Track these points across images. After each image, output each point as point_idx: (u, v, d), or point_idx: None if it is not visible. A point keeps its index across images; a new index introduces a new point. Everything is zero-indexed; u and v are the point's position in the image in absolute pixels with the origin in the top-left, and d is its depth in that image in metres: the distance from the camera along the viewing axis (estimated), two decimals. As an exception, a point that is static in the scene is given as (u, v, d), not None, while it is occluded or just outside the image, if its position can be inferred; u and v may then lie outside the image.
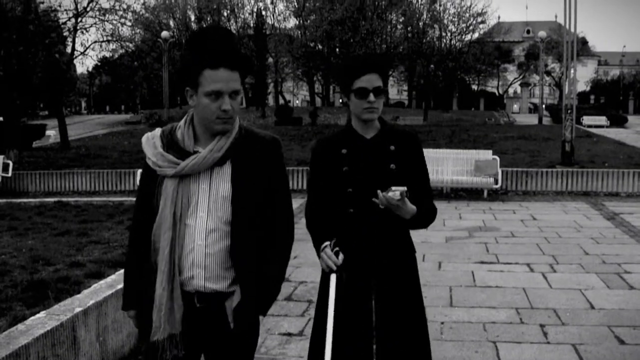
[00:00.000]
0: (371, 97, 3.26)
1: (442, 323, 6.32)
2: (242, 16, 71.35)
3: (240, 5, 70.58)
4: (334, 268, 3.23)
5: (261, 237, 2.92)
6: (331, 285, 3.26)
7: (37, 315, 4.74)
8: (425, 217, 3.38)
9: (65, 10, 32.04)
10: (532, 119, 59.25)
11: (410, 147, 3.42)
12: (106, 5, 33.16)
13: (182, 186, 2.83)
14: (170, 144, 2.88)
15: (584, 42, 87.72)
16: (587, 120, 55.12)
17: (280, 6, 74.17)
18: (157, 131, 2.97)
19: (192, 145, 2.87)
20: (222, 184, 2.85)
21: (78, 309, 4.84)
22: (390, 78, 71.18)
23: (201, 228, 2.82)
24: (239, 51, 2.88)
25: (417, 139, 3.46)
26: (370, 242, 3.33)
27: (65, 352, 4.60)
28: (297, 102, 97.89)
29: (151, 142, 2.92)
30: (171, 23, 70.35)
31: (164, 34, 43.11)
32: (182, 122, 2.95)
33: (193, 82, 2.80)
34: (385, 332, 3.31)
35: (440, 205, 14.47)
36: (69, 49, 34.79)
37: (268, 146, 2.96)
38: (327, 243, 3.30)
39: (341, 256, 3.26)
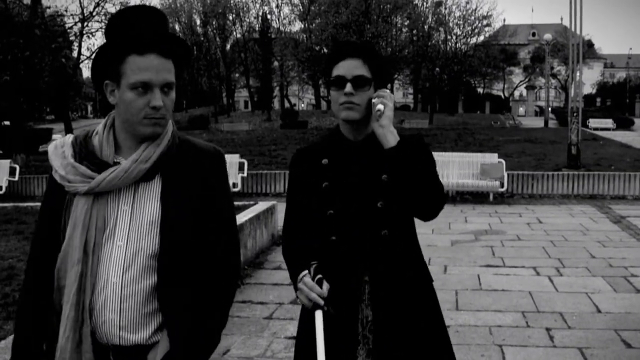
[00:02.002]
0: (348, 87, 2.52)
1: (448, 327, 6.28)
2: (248, 20, 71.73)
3: (245, 9, 70.96)
4: (320, 302, 2.44)
5: (198, 273, 2.27)
6: (317, 325, 2.44)
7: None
8: (424, 171, 2.50)
9: (72, 15, 32.21)
10: (538, 122, 59.25)
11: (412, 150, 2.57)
12: (112, 10, 33.08)
13: (97, 206, 2.20)
14: (85, 153, 2.25)
15: (590, 44, 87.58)
16: (593, 123, 55.09)
17: (286, 10, 74.46)
18: (69, 138, 2.34)
19: (112, 154, 2.24)
20: (148, 204, 2.22)
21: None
22: (396, 81, 71.20)
23: (117, 261, 2.18)
24: (174, 34, 2.30)
25: (421, 140, 2.62)
26: (358, 282, 2.57)
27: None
28: (302, 105, 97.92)
29: (60, 151, 2.29)
30: (177, 27, 70.59)
31: (170, 38, 43.15)
32: (100, 126, 2.32)
33: (114, 73, 2.18)
34: None
35: (445, 208, 14.39)
36: (75, 54, 35.00)
37: (209, 159, 2.34)
38: (306, 272, 2.53)
39: (326, 285, 2.49)
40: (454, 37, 63.13)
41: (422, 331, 2.59)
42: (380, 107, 2.48)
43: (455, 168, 16.16)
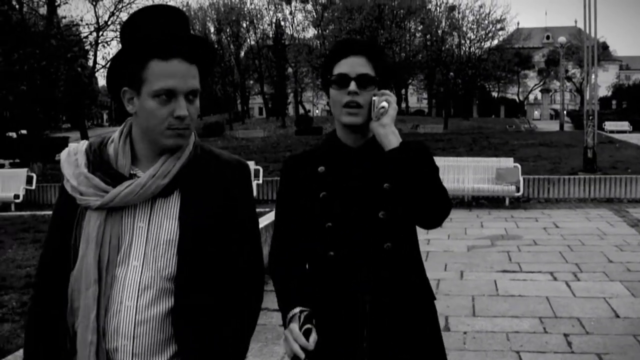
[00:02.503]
0: (352, 86, 2.30)
1: (465, 333, 6.30)
2: (261, 27, 71.91)
3: (259, 16, 71.11)
4: (301, 356, 2.16)
5: (217, 297, 2.08)
6: None
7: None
8: (428, 175, 2.27)
9: (87, 24, 32.59)
10: (554, 126, 58.99)
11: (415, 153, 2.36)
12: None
13: (111, 223, 2.02)
14: (99, 163, 2.07)
15: (604, 46, 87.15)
16: (609, 125, 54.76)
17: (299, 16, 74.35)
18: (83, 145, 2.15)
19: (129, 166, 2.07)
20: (165, 222, 2.04)
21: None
22: (410, 86, 71.14)
23: (132, 283, 2.00)
24: (199, 36, 2.14)
25: (422, 145, 2.37)
26: (359, 300, 2.35)
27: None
28: (317, 111, 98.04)
29: (72, 158, 2.10)
30: (191, 35, 70.78)
31: (184, 46, 43.39)
32: (116, 134, 2.14)
33: (134, 79, 2.00)
34: None
35: (461, 213, 14.53)
36: (90, 63, 35.25)
37: (233, 173, 2.15)
38: (296, 312, 2.26)
39: (313, 337, 2.20)
40: (468, 42, 62.97)
41: (421, 354, 2.41)
42: (384, 104, 2.29)
43: (470, 173, 16.12)
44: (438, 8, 62.64)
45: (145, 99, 1.99)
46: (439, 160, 15.18)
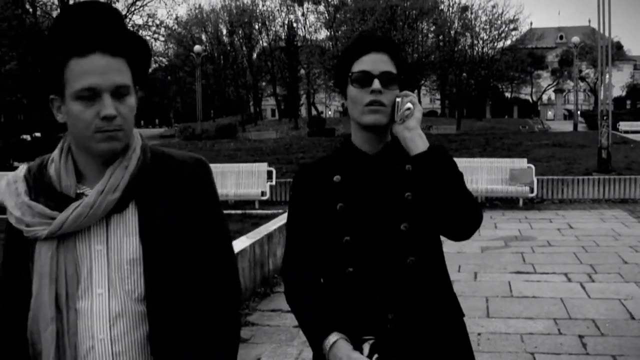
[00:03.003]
0: (375, 84, 2.12)
1: (479, 334, 6.28)
2: (274, 29, 72.07)
3: (271, 18, 71.31)
4: None
5: (194, 309, 1.92)
6: None
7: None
8: (458, 183, 2.11)
9: (100, 27, 32.66)
10: (567, 126, 58.68)
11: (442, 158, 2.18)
12: (140, 22, 33.63)
13: (64, 251, 1.80)
14: (41, 187, 1.85)
15: (618, 46, 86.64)
16: (623, 126, 54.43)
17: (312, 18, 74.50)
18: (22, 170, 1.92)
19: (74, 185, 1.84)
20: (126, 240, 1.84)
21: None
22: (423, 87, 71.04)
23: (101, 314, 1.81)
24: (122, 27, 1.85)
25: (444, 149, 2.19)
26: (381, 319, 2.14)
27: None
28: (329, 113, 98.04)
29: (12, 187, 1.87)
30: (203, 37, 71.16)
31: (197, 48, 43.63)
32: (55, 152, 1.91)
33: (56, 84, 1.79)
34: None
35: (475, 214, 14.36)
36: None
37: (191, 172, 1.96)
38: (336, 339, 2.09)
39: None
40: (481, 42, 62.91)
41: None
42: (409, 105, 2.11)
43: (484, 174, 16.06)
44: (450, 9, 62.63)
45: (70, 102, 1.77)
46: (452, 161, 15.13)
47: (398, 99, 2.15)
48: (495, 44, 64.08)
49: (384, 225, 2.16)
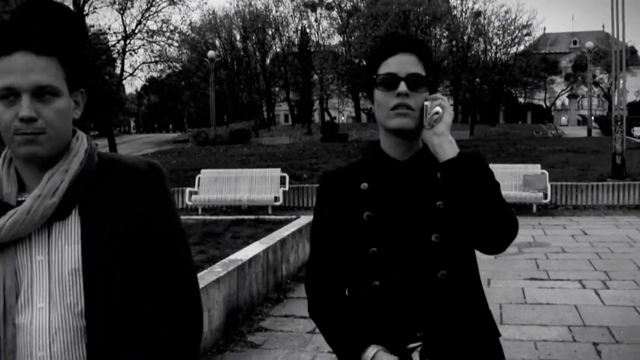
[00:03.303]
0: (402, 86, 1.99)
1: (493, 341, 6.24)
2: (287, 34, 72.22)
3: (284, 23, 71.42)
4: None
5: (140, 329, 1.77)
6: None
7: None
8: (492, 192, 1.94)
9: (115, 33, 32.94)
10: (581, 131, 58.40)
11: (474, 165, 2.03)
12: (154, 27, 33.87)
13: (3, 262, 1.70)
14: None
15: (632, 51, 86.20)
16: (638, 131, 54.21)
17: (325, 23, 74.66)
18: None
19: (15, 193, 1.75)
20: (67, 249, 1.71)
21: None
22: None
23: (40, 329, 1.68)
24: (55, 23, 1.71)
25: (480, 156, 2.06)
26: (409, 338, 2.01)
27: None
28: (342, 118, 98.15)
29: None
30: (217, 42, 71.37)
31: (210, 53, 43.87)
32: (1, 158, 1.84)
33: None
34: None
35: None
36: (118, 71, 35.65)
37: (141, 178, 1.83)
38: (376, 350, 1.99)
39: None
40: (494, 47, 62.72)
41: None
42: (438, 109, 1.99)
43: (497, 180, 15.99)
44: (463, 14, 62.57)
45: None
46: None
47: (426, 103, 2.02)
48: (509, 49, 63.90)
49: (413, 236, 2.03)
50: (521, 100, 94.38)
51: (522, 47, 66.65)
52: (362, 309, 2.07)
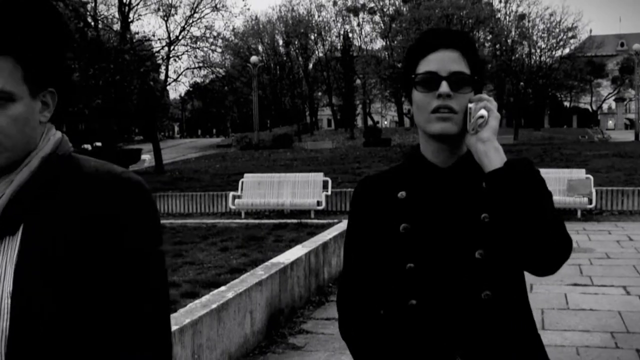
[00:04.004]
0: (443, 86, 1.79)
1: (534, 346, 6.22)
2: (329, 39, 72.45)
3: (327, 28, 71.67)
4: None
5: None
6: None
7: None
8: (542, 206, 1.72)
9: (159, 39, 33.35)
10: (628, 136, 57.33)
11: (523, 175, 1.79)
12: (197, 34, 34.14)
13: None
14: None
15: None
16: (687, 135, 53.00)
17: (367, 28, 74.68)
18: None
19: None
20: (8, 269, 1.46)
21: (174, 327, 5.01)
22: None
23: None
24: (9, 15, 1.45)
25: (531, 165, 1.82)
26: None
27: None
28: (385, 123, 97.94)
29: None
30: (260, 48, 71.84)
31: (253, 58, 44.20)
32: None
33: None
34: None
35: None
36: (162, 76, 36.13)
37: (103, 191, 1.52)
38: None
39: None
40: (539, 51, 61.98)
41: None
42: (483, 112, 1.79)
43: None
44: (507, 17, 62.05)
45: None
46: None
47: (470, 105, 1.82)
48: (554, 53, 63.06)
49: (455, 252, 1.83)
50: (566, 104, 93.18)
51: (567, 50, 65.75)
52: (397, 330, 1.88)
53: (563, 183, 15.73)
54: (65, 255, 1.45)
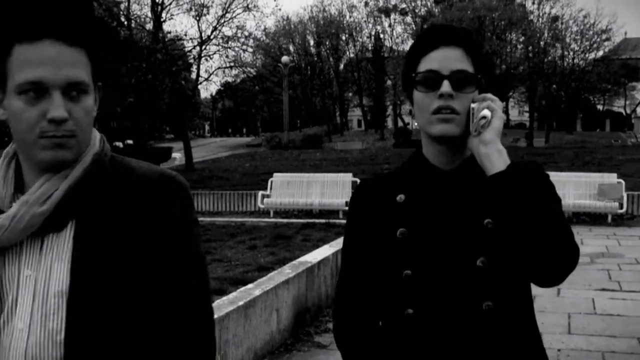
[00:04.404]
0: (445, 86, 1.70)
1: (559, 350, 6.22)
2: (361, 40, 72.35)
3: (358, 29, 71.56)
4: None
5: None
6: None
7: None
8: (549, 212, 1.62)
9: (191, 39, 33.67)
10: (662, 140, 56.63)
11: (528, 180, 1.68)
12: (229, 33, 34.42)
13: None
14: None
15: None
16: None
17: (398, 29, 74.34)
18: None
19: (10, 195, 1.51)
20: (56, 267, 1.46)
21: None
22: (511, 99, 69.96)
23: (17, 353, 1.45)
24: (85, 13, 1.51)
25: (539, 169, 1.75)
26: None
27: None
28: (415, 124, 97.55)
29: None
30: (291, 48, 72.01)
31: (284, 58, 44.41)
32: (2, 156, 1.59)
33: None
34: None
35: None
36: (193, 76, 36.47)
37: (153, 192, 1.54)
38: None
39: None
40: (571, 53, 61.39)
41: None
42: (486, 112, 1.69)
43: (571, 188, 15.76)
44: (540, 19, 61.47)
45: (12, 98, 1.44)
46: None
47: (473, 105, 1.73)
48: (587, 55, 62.44)
49: (455, 259, 1.73)
50: (600, 107, 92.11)
51: (600, 53, 65.05)
52: (393, 341, 1.80)
53: (594, 187, 15.60)
54: (121, 257, 1.47)
